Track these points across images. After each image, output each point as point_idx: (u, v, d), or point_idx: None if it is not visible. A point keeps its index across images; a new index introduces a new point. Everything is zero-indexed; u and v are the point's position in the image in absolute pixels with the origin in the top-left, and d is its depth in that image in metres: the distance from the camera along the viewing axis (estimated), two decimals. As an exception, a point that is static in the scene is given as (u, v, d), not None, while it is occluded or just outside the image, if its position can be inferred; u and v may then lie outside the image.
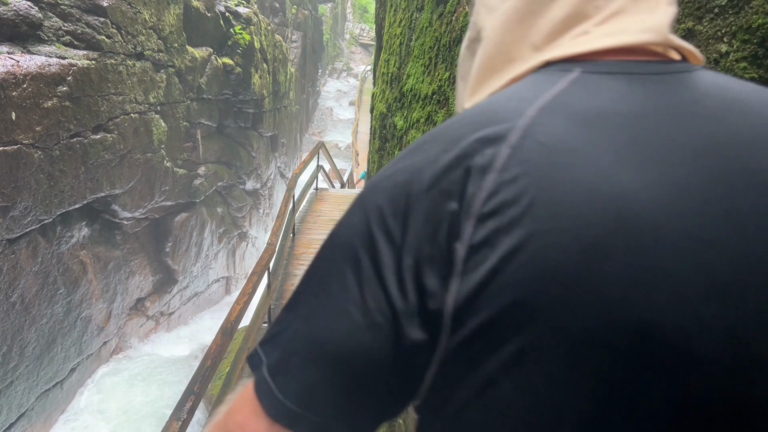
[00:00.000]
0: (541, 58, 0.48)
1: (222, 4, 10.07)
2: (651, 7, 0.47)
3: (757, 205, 0.37)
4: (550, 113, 0.40)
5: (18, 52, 5.17)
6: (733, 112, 0.42)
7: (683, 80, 0.44)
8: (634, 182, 0.37)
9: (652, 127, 0.40)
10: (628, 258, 0.35)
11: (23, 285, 5.30)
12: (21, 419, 5.56)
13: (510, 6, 0.50)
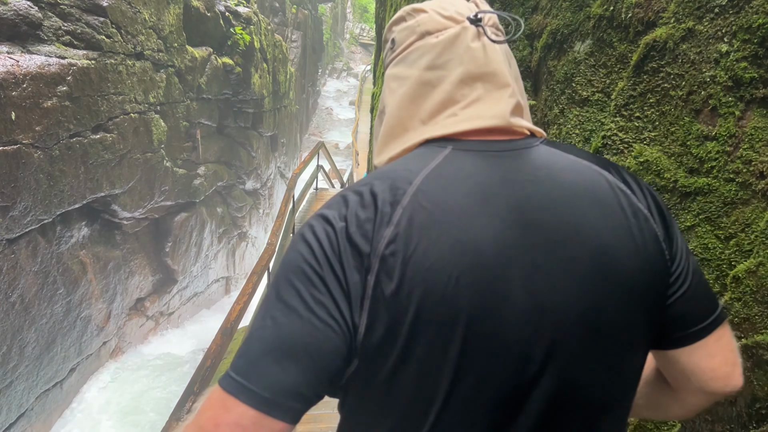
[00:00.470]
0: (426, 132, 0.67)
1: (222, 4, 10.07)
2: (498, 97, 0.67)
3: (554, 241, 0.59)
4: (429, 182, 0.60)
5: (18, 51, 5.16)
6: (550, 179, 0.62)
7: (522, 155, 0.64)
8: (481, 233, 0.57)
9: (497, 192, 0.60)
10: (474, 283, 0.56)
11: (23, 285, 5.30)
12: (21, 419, 5.56)
13: (405, 91, 0.70)
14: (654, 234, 0.63)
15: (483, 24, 0.68)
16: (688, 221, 1.22)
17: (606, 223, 0.61)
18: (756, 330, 1.02)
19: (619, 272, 0.60)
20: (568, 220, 0.60)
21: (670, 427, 1.22)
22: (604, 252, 0.60)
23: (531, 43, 2.14)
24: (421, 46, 0.70)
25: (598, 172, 0.65)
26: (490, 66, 0.67)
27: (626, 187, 0.64)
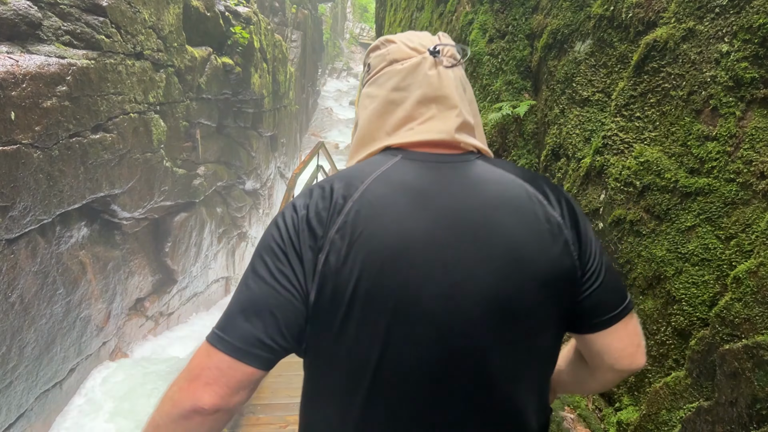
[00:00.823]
0: (388, 142, 0.83)
1: (221, 4, 10.06)
2: (447, 117, 0.81)
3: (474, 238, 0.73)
4: (377, 182, 0.75)
5: (17, 51, 5.16)
6: (478, 188, 0.77)
7: (459, 167, 0.79)
8: (414, 226, 0.72)
9: (434, 196, 0.75)
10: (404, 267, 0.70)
11: (22, 285, 5.29)
12: (20, 419, 5.55)
13: (374, 107, 0.85)
14: (564, 238, 0.78)
15: (440, 55, 0.83)
16: (689, 221, 1.22)
17: (521, 226, 0.76)
18: (756, 330, 1.01)
19: (528, 266, 0.74)
20: (488, 222, 0.75)
21: (670, 427, 1.22)
22: (517, 249, 0.74)
23: (531, 43, 2.13)
24: (389, 71, 0.86)
25: (521, 185, 0.79)
26: (443, 90, 0.82)
27: (543, 198, 0.79)
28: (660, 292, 1.30)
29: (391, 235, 0.71)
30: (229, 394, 0.70)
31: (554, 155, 1.86)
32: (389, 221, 0.72)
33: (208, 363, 0.72)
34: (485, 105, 2.32)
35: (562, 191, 0.82)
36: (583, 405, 1.56)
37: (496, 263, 0.73)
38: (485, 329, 0.72)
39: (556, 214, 0.78)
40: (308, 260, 0.71)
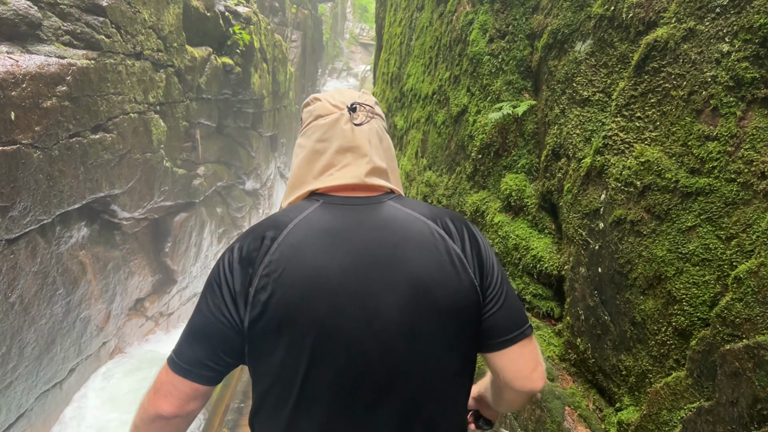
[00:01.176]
0: (313, 186, 0.96)
1: (221, 4, 10.06)
2: (359, 164, 0.95)
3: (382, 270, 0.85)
4: (299, 226, 0.88)
5: (17, 51, 5.16)
6: (387, 227, 0.89)
7: (372, 208, 0.92)
8: (329, 262, 0.84)
9: (347, 235, 0.87)
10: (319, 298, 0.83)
11: (22, 285, 5.29)
12: (20, 420, 5.55)
13: (303, 156, 1.00)
14: (466, 270, 0.89)
15: (357, 111, 0.98)
16: (689, 221, 1.21)
17: (424, 259, 0.87)
18: (757, 330, 1.01)
19: (431, 294, 0.86)
20: (395, 256, 0.87)
21: (671, 427, 1.22)
22: (420, 279, 0.86)
23: (531, 43, 2.13)
24: (315, 125, 1.00)
25: (425, 222, 0.92)
26: (356, 142, 0.97)
27: (446, 233, 0.91)
28: (661, 292, 1.30)
29: (309, 270, 0.84)
30: (182, 404, 0.89)
31: (554, 155, 1.86)
32: (307, 259, 0.85)
33: (166, 379, 0.90)
34: (485, 105, 2.32)
35: (466, 225, 0.95)
36: (584, 405, 1.56)
37: (402, 292, 0.85)
38: (396, 350, 0.84)
39: (457, 248, 0.91)
40: (240, 293, 0.85)
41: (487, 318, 0.91)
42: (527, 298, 1.91)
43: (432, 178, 2.98)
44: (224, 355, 0.87)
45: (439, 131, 2.91)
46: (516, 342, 0.92)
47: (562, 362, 1.71)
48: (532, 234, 1.95)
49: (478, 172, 2.36)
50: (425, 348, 0.86)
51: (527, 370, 0.93)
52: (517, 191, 2.04)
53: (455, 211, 2.57)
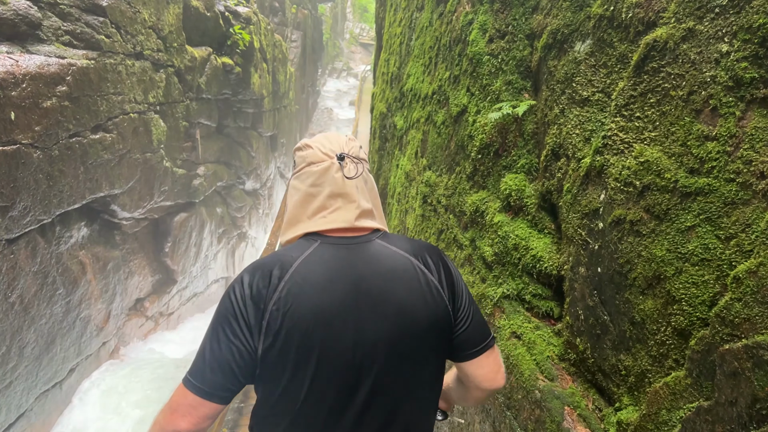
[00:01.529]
0: (308, 227, 1.11)
1: (221, 4, 10.06)
2: (349, 209, 1.10)
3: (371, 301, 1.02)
4: (302, 265, 1.03)
5: (17, 51, 5.16)
6: (375, 263, 1.06)
7: (362, 247, 1.08)
8: (327, 298, 1.01)
9: (341, 272, 1.03)
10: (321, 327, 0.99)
11: (22, 285, 5.29)
12: (20, 419, 5.55)
13: (298, 198, 1.14)
14: (441, 297, 1.08)
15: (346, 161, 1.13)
16: (689, 221, 1.22)
17: (407, 291, 1.05)
18: (756, 330, 1.01)
19: (412, 320, 1.04)
20: (382, 289, 1.04)
21: (670, 427, 1.22)
22: (403, 308, 1.04)
23: (531, 43, 2.13)
24: (308, 170, 1.14)
25: (408, 258, 1.09)
26: (345, 189, 1.12)
27: (425, 268, 1.09)
28: (660, 292, 1.31)
29: (312, 306, 1.00)
30: (200, 422, 1.02)
31: (554, 155, 1.86)
32: (310, 296, 1.01)
33: (184, 401, 1.01)
34: (485, 105, 2.32)
35: (441, 258, 1.14)
36: (583, 405, 1.56)
37: (389, 319, 1.03)
38: (382, 368, 1.03)
39: (434, 280, 1.09)
40: (255, 325, 1.00)
41: (459, 335, 1.12)
42: (527, 297, 1.91)
43: (432, 178, 2.98)
44: (242, 378, 1.02)
45: (439, 131, 2.91)
46: (482, 352, 1.14)
47: (562, 362, 1.71)
48: (531, 234, 1.95)
49: (477, 172, 2.36)
50: (406, 364, 1.05)
51: (492, 373, 1.16)
52: (517, 191, 2.04)
53: (455, 211, 2.57)
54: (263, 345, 0.99)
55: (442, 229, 2.76)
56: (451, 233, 2.61)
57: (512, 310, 1.93)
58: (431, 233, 2.92)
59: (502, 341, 1.91)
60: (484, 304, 2.11)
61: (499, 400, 1.87)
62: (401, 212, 3.75)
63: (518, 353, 1.81)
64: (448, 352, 1.14)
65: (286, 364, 1.00)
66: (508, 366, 1.83)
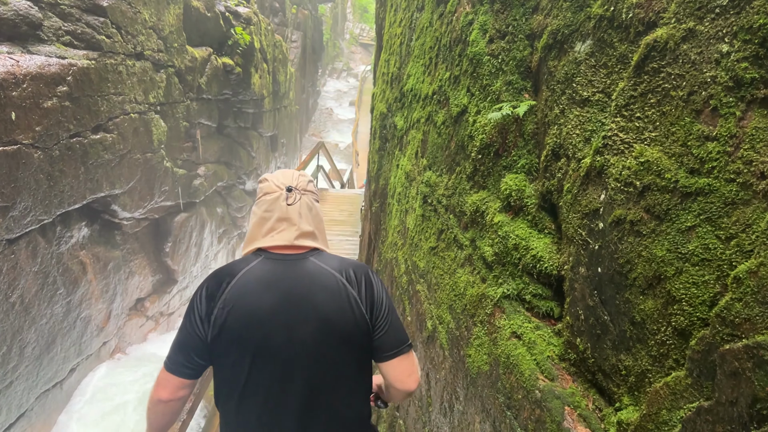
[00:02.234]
0: (261, 242, 1.38)
1: (222, 4, 10.07)
2: (290, 230, 1.37)
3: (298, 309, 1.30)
4: (245, 274, 1.33)
5: (18, 52, 5.16)
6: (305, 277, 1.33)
7: (297, 263, 1.35)
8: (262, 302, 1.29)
9: (276, 283, 1.32)
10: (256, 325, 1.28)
11: (23, 285, 5.30)
12: (21, 419, 5.55)
13: (255, 220, 1.41)
14: (359, 307, 1.32)
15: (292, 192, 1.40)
16: (689, 222, 1.22)
17: (330, 302, 1.30)
18: (757, 330, 1.01)
19: (333, 326, 1.29)
20: (309, 299, 1.29)
21: (670, 427, 1.22)
22: (326, 315, 1.29)
23: (531, 43, 2.13)
24: (264, 199, 1.42)
25: (333, 275, 1.33)
26: (289, 215, 1.38)
27: (348, 283, 1.33)
28: (660, 292, 1.31)
29: (249, 308, 1.27)
30: (174, 392, 1.35)
31: (554, 155, 1.86)
32: (248, 300, 1.28)
33: (162, 376, 1.35)
34: (485, 105, 2.32)
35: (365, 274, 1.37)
36: (583, 405, 1.56)
37: (313, 324, 1.28)
38: (310, 363, 1.27)
39: (355, 293, 1.33)
40: (205, 318, 1.28)
41: (376, 340, 1.35)
42: (527, 297, 1.91)
43: (432, 178, 2.98)
44: (197, 358, 1.32)
45: (439, 131, 2.92)
46: (396, 356, 1.37)
47: (562, 362, 1.71)
48: (531, 234, 1.95)
49: (477, 172, 2.37)
50: (328, 362, 1.30)
51: (404, 375, 1.38)
52: (517, 191, 2.04)
53: (455, 211, 2.57)
54: (211, 334, 1.28)
55: (442, 229, 2.76)
56: (451, 233, 2.61)
57: (512, 310, 1.93)
58: (431, 233, 2.92)
59: (502, 341, 1.91)
60: (484, 304, 2.11)
61: (499, 399, 1.87)
62: (401, 212, 3.75)
63: (518, 353, 1.81)
64: (370, 353, 1.37)
65: (230, 352, 1.28)
66: (508, 366, 1.84)
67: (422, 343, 2.84)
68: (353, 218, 9.53)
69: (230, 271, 1.33)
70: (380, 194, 5.00)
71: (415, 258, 3.17)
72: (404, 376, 1.37)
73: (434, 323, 2.67)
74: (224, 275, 1.32)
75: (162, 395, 1.34)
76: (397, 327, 1.39)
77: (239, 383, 1.27)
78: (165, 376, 1.33)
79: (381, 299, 1.37)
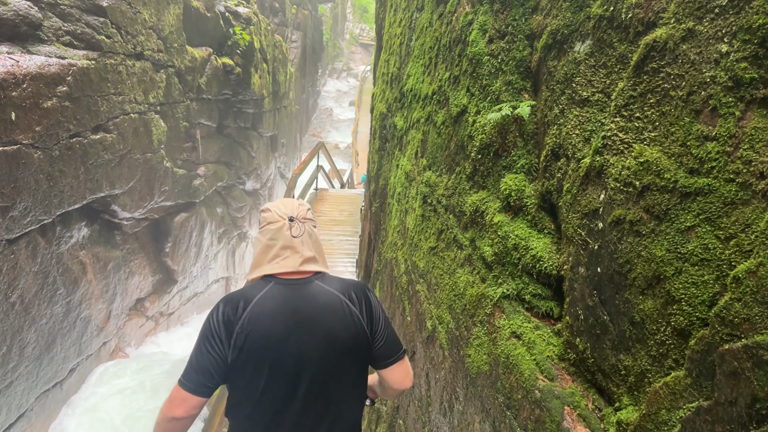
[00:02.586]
0: (266, 270, 1.54)
1: (222, 4, 10.07)
2: (295, 257, 1.54)
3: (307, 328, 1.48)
4: (260, 300, 1.48)
5: (18, 52, 5.16)
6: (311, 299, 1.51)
7: (304, 287, 1.53)
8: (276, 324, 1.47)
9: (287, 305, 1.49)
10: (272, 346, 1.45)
11: (23, 285, 5.30)
12: (20, 419, 5.55)
13: (260, 247, 1.58)
14: (361, 323, 1.51)
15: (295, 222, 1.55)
16: (688, 221, 1.22)
17: (335, 320, 1.48)
18: (756, 330, 1.02)
19: (338, 340, 1.47)
20: (315, 318, 1.46)
21: (670, 427, 1.22)
22: (331, 332, 1.47)
23: (531, 43, 2.13)
24: (267, 228, 1.57)
25: (337, 296, 1.51)
26: (293, 243, 1.54)
27: (350, 302, 1.51)
28: (660, 292, 1.31)
29: (265, 331, 1.42)
30: (189, 411, 1.44)
31: (554, 155, 1.86)
32: (264, 324, 1.43)
33: (177, 395, 1.43)
34: (485, 105, 2.33)
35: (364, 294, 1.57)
36: (583, 405, 1.56)
37: (320, 339, 1.45)
38: (318, 374, 1.45)
39: (356, 311, 1.52)
40: (225, 341, 1.42)
41: (376, 350, 1.56)
42: (527, 297, 1.91)
43: (432, 178, 2.98)
44: (217, 378, 1.44)
45: (439, 131, 2.92)
46: (393, 363, 1.59)
47: (562, 362, 1.71)
48: (531, 234, 1.95)
49: (477, 172, 2.36)
50: (334, 371, 1.48)
51: (401, 377, 1.61)
52: (517, 191, 2.04)
53: (455, 211, 2.57)
54: (231, 356, 1.42)
55: (442, 229, 2.76)
56: (451, 233, 2.61)
57: (512, 310, 1.93)
58: (431, 233, 2.92)
59: (501, 341, 1.91)
60: (483, 303, 2.11)
61: (498, 399, 1.87)
62: (401, 212, 3.75)
63: (518, 353, 1.81)
64: (368, 362, 1.58)
65: (247, 371, 1.43)
66: (508, 366, 1.84)
67: (422, 343, 2.84)
68: (353, 218, 9.53)
69: (244, 296, 1.48)
70: (380, 194, 5.00)
71: (415, 258, 3.17)
72: (401, 378, 1.62)
73: (434, 323, 2.67)
74: (238, 300, 1.46)
75: (176, 413, 1.43)
76: (392, 338, 1.61)
77: (255, 396, 1.44)
78: (181, 395, 1.42)
79: (378, 315, 1.58)
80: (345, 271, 7.59)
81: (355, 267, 7.67)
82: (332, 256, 7.97)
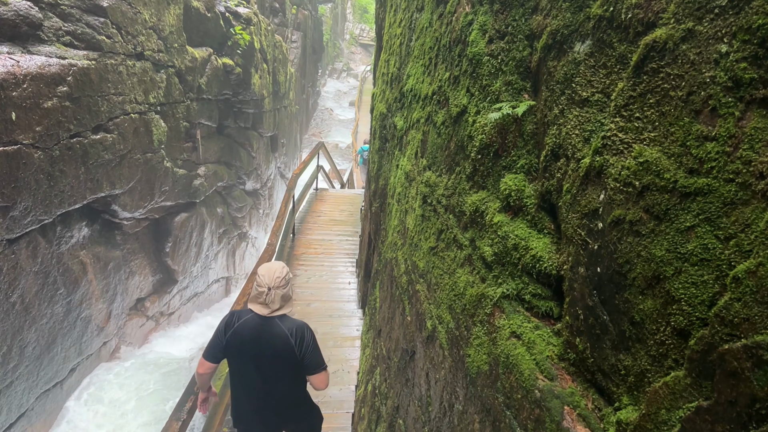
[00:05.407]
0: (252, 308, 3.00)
1: (222, 5, 10.07)
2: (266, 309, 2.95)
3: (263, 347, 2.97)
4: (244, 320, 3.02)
5: (18, 52, 5.16)
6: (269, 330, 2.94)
7: (268, 322, 2.96)
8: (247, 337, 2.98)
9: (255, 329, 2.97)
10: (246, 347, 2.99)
11: (23, 285, 5.30)
12: (21, 419, 5.55)
13: (254, 294, 2.98)
14: (294, 350, 2.87)
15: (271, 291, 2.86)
16: (688, 222, 1.22)
17: (278, 342, 2.87)
18: (756, 330, 1.02)
19: (279, 355, 2.88)
20: (270, 340, 2.87)
21: (669, 427, 1.22)
22: (276, 348, 2.87)
23: (531, 43, 2.14)
24: (256, 287, 2.90)
25: (284, 330, 2.87)
26: (266, 302, 2.87)
27: (290, 335, 2.86)
28: (659, 292, 1.31)
29: (242, 338, 2.86)
30: (207, 369, 2.99)
31: (554, 155, 1.86)
32: (243, 333, 2.86)
33: (201, 360, 2.98)
34: (485, 105, 2.33)
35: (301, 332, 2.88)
36: (583, 404, 1.56)
37: (268, 352, 2.85)
38: (267, 368, 2.90)
39: (293, 341, 2.84)
40: (223, 337, 2.89)
41: (304, 364, 2.87)
42: (526, 297, 1.92)
43: (432, 178, 2.98)
44: (219, 354, 2.91)
45: (439, 131, 2.92)
46: (314, 374, 2.90)
47: (561, 362, 1.71)
48: (531, 234, 1.95)
49: (477, 172, 2.37)
50: (275, 368, 2.88)
51: (317, 383, 2.92)
52: (517, 191, 2.04)
53: (455, 211, 2.57)
54: (224, 347, 2.86)
55: (441, 229, 2.77)
56: (451, 233, 2.61)
57: (512, 310, 1.93)
58: (431, 233, 2.92)
59: (501, 341, 1.91)
60: (483, 303, 2.11)
61: (498, 399, 1.88)
62: (401, 212, 3.75)
63: (518, 353, 1.81)
64: (300, 368, 2.88)
65: (233, 356, 2.88)
66: (508, 365, 1.84)
67: (422, 343, 2.85)
68: (353, 218, 9.53)
69: (239, 315, 2.90)
70: (380, 194, 5.00)
71: (415, 258, 3.17)
72: (318, 383, 2.93)
73: (434, 323, 2.67)
74: (235, 316, 2.90)
75: (200, 370, 2.97)
76: (316, 358, 2.88)
77: (237, 373, 2.91)
78: (203, 361, 2.92)
79: (308, 344, 2.85)
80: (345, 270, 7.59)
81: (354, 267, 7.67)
82: (332, 256, 7.97)
